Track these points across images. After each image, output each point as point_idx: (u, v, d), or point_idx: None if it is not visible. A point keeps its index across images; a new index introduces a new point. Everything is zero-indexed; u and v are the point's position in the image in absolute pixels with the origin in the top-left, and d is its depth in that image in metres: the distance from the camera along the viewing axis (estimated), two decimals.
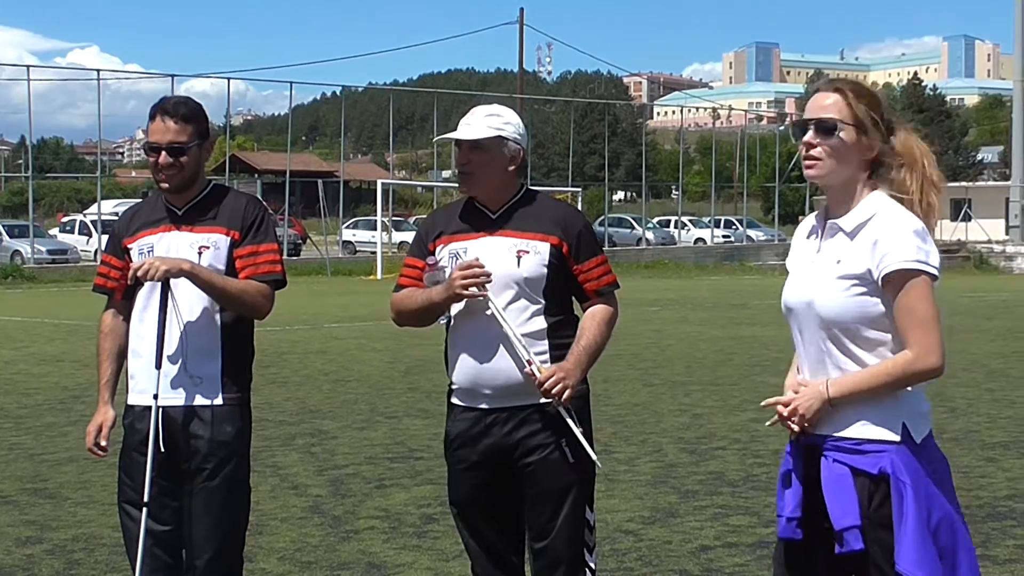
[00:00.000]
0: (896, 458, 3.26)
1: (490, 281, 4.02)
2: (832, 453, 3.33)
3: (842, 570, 3.35)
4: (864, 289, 3.29)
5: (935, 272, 3.28)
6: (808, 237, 3.50)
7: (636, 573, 6.05)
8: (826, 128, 3.35)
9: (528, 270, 4.08)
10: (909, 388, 3.33)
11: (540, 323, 4.10)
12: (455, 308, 4.13)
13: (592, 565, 4.19)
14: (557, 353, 4.10)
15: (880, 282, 3.27)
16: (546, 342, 4.10)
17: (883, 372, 3.27)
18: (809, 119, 3.38)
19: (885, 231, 3.27)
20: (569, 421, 4.06)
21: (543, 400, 4.07)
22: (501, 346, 4.06)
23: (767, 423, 3.58)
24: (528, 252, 4.10)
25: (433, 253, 4.20)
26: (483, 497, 4.17)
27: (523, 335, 4.06)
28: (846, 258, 3.32)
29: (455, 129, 4.24)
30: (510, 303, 4.07)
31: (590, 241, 4.21)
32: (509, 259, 4.09)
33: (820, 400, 3.31)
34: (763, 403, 3.50)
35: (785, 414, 3.36)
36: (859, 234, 3.32)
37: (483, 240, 4.14)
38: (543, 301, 4.11)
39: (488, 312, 4.05)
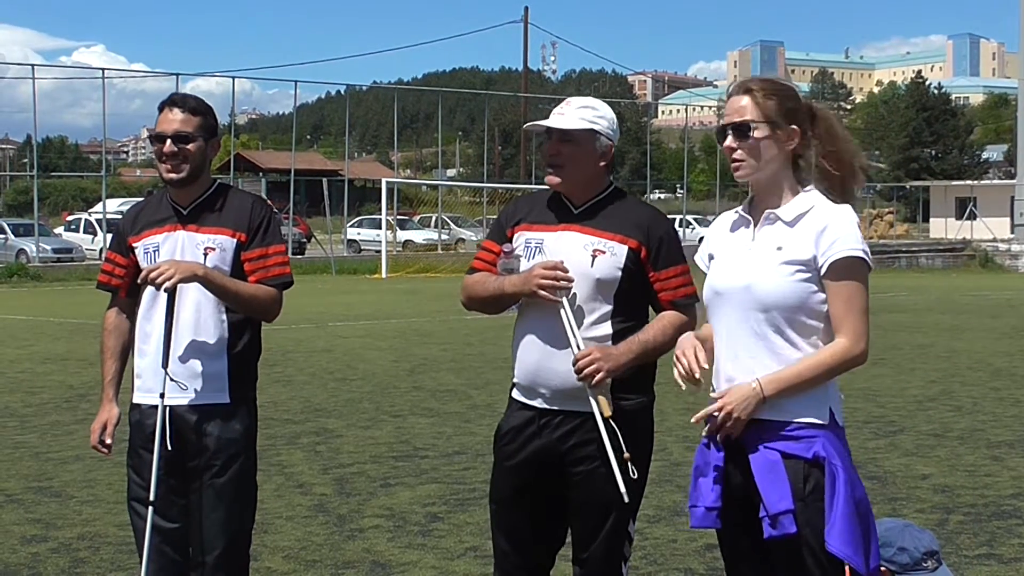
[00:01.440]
0: (826, 442, 3.34)
1: (571, 287, 3.89)
2: (760, 440, 3.37)
3: (765, 555, 3.40)
4: (807, 275, 3.35)
5: (871, 264, 3.38)
6: (734, 230, 3.54)
7: (641, 572, 6.04)
8: (741, 130, 3.43)
9: (601, 271, 3.93)
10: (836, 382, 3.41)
11: (606, 328, 3.95)
12: (524, 300, 3.99)
13: (624, 575, 4.11)
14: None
15: (824, 268, 3.33)
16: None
17: (819, 365, 3.32)
18: (726, 124, 3.47)
19: (832, 220, 3.36)
20: (602, 429, 3.86)
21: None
22: (566, 346, 3.92)
23: (703, 433, 3.52)
24: (604, 252, 3.94)
25: (511, 240, 4.08)
26: (524, 498, 4.04)
27: (587, 338, 3.91)
28: (788, 245, 3.38)
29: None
30: (578, 303, 3.93)
31: (672, 248, 4.03)
32: (583, 257, 3.94)
33: (756, 400, 3.34)
34: (693, 419, 3.49)
35: (720, 419, 3.37)
36: (800, 222, 3.39)
37: (560, 233, 4.01)
38: (612, 305, 3.95)
39: (559, 311, 3.90)
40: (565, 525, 4.13)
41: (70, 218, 52.90)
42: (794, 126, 3.43)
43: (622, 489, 3.84)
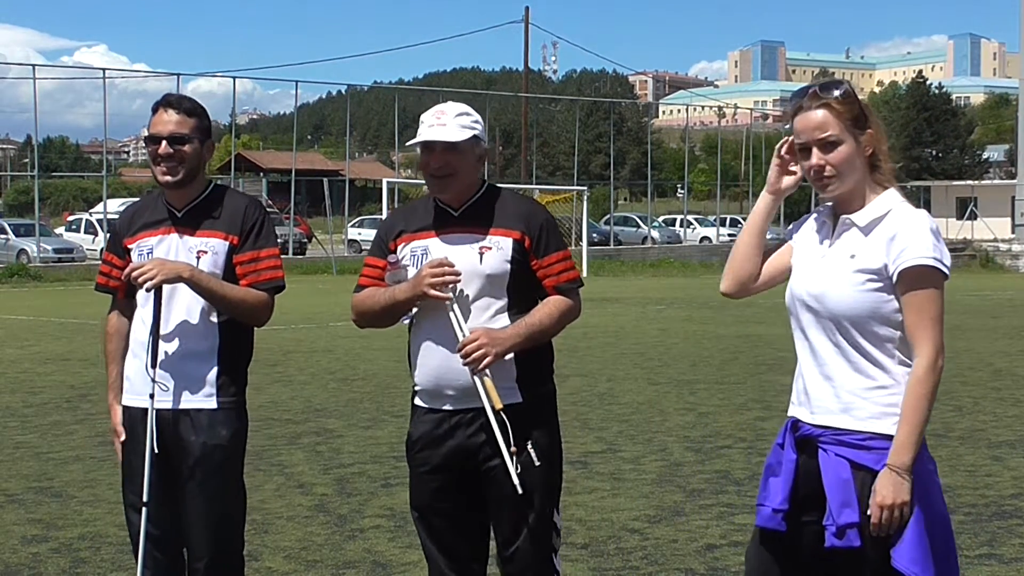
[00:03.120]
0: None
1: (459, 281, 3.95)
2: (832, 447, 3.32)
3: (826, 564, 3.35)
4: (879, 284, 3.29)
5: (947, 271, 3.28)
6: (818, 231, 3.49)
7: (642, 572, 6.04)
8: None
9: (491, 266, 3.98)
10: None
11: (504, 321, 3.99)
12: (416, 308, 4.04)
13: (559, 569, 4.13)
14: (522, 354, 4.00)
15: (895, 277, 3.27)
16: None
17: (918, 403, 3.22)
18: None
19: (902, 227, 3.28)
20: (493, 422, 3.91)
21: (509, 401, 3.96)
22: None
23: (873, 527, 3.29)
24: (491, 248, 4.00)
25: (395, 252, 4.11)
26: (445, 501, 4.07)
27: None
28: (861, 253, 3.32)
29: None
30: (473, 301, 3.98)
31: (553, 236, 4.10)
32: (471, 256, 4.00)
33: (902, 480, 3.21)
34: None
35: (884, 518, 3.22)
36: (874, 230, 3.33)
37: (445, 238, 4.06)
38: (506, 298, 4.01)
39: (449, 313, 3.97)
40: (488, 522, 4.16)
41: (71, 218, 52.94)
42: (869, 130, 3.38)
43: (515, 481, 3.90)
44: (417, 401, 4.14)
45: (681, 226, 60.71)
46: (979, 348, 16.12)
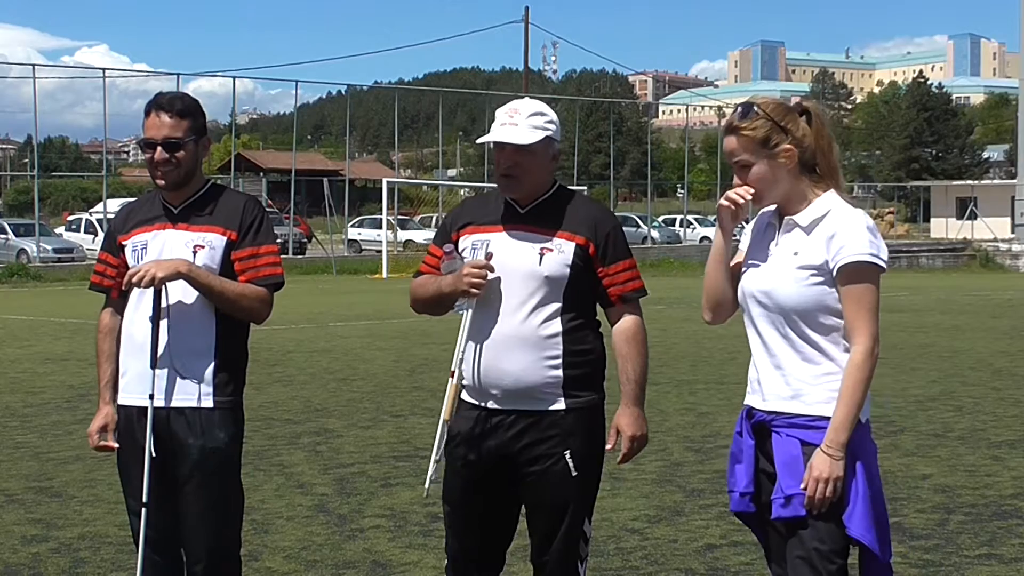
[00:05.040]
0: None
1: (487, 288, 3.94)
2: (784, 429, 3.57)
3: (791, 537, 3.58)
4: (821, 279, 3.54)
5: (884, 265, 3.52)
6: (764, 232, 3.72)
7: (642, 572, 6.04)
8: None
9: (549, 268, 3.95)
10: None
11: (556, 326, 3.97)
12: (474, 300, 4.01)
13: (582, 574, 4.13)
14: (571, 359, 3.98)
15: (835, 272, 3.51)
16: (560, 347, 3.97)
17: (855, 387, 3.48)
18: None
19: (841, 226, 3.53)
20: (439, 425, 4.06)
21: (552, 407, 4.00)
22: (515, 345, 3.95)
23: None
24: (552, 250, 3.97)
25: (457, 243, 4.10)
26: (477, 499, 4.08)
27: (538, 336, 3.95)
28: (803, 251, 3.57)
29: (488, 127, 4.07)
30: (527, 301, 3.95)
31: (620, 243, 4.06)
32: (531, 256, 3.97)
33: (836, 460, 3.45)
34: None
35: (817, 493, 3.46)
36: (815, 229, 3.58)
37: (507, 234, 4.03)
38: (561, 302, 3.97)
39: (463, 312, 4.00)
40: (515, 524, 4.17)
41: (71, 218, 52.93)
42: (786, 146, 3.57)
43: (426, 484, 4.10)
44: (464, 396, 4.12)
45: (681, 226, 60.71)
46: (979, 348, 16.13)
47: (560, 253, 3.98)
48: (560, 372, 3.99)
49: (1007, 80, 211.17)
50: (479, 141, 4.23)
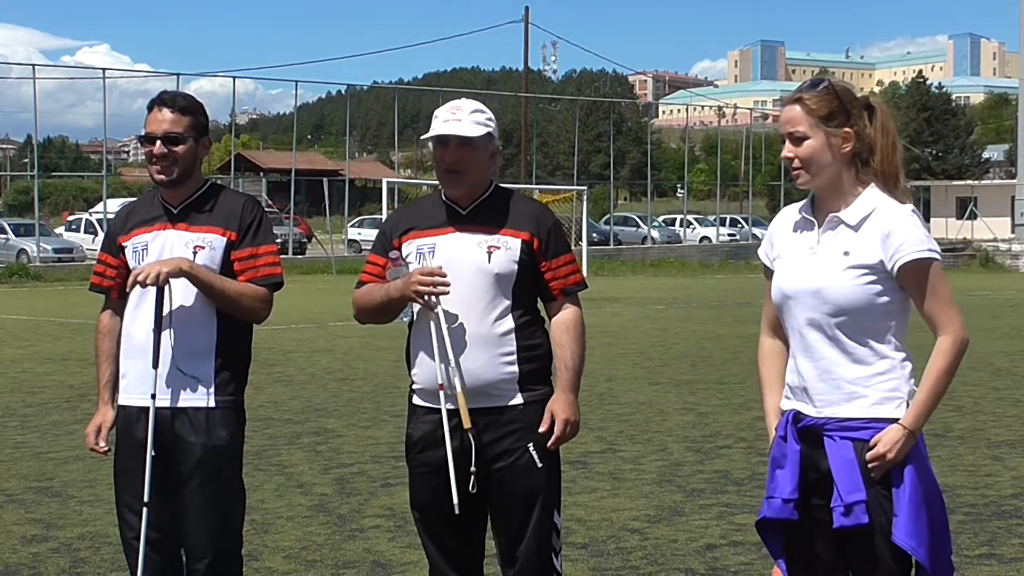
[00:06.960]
0: None
1: (447, 294, 3.95)
2: (837, 433, 3.45)
3: (838, 545, 3.48)
4: (874, 278, 3.43)
5: (940, 258, 3.46)
6: (797, 231, 3.61)
7: (642, 571, 6.04)
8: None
9: (499, 266, 4.00)
10: (911, 376, 3.48)
11: (508, 323, 4.01)
12: (418, 305, 4.03)
13: (559, 569, 4.14)
14: (524, 355, 4.02)
15: (895, 272, 3.42)
16: (514, 343, 4.01)
17: (942, 373, 3.40)
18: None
19: (894, 224, 3.43)
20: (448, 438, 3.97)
21: (511, 403, 4.02)
22: (471, 344, 3.97)
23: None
24: (499, 248, 4.01)
25: (400, 249, 4.11)
26: (446, 502, 4.02)
27: (490, 335, 3.99)
28: (855, 249, 3.45)
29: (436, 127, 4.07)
30: (478, 301, 3.98)
31: (560, 238, 4.14)
32: (479, 254, 4.01)
33: (907, 438, 3.38)
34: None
35: (876, 464, 3.39)
36: (863, 226, 3.47)
37: (453, 236, 4.06)
38: (511, 300, 4.02)
39: (431, 323, 3.98)
40: (485, 526, 4.18)
41: (71, 218, 52.90)
42: (847, 129, 3.49)
43: (454, 500, 3.93)
44: (416, 400, 4.14)
45: (681, 226, 60.67)
46: (979, 348, 16.12)
47: (508, 250, 4.03)
48: (516, 368, 4.02)
49: (1007, 80, 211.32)
50: (423, 138, 4.18)
